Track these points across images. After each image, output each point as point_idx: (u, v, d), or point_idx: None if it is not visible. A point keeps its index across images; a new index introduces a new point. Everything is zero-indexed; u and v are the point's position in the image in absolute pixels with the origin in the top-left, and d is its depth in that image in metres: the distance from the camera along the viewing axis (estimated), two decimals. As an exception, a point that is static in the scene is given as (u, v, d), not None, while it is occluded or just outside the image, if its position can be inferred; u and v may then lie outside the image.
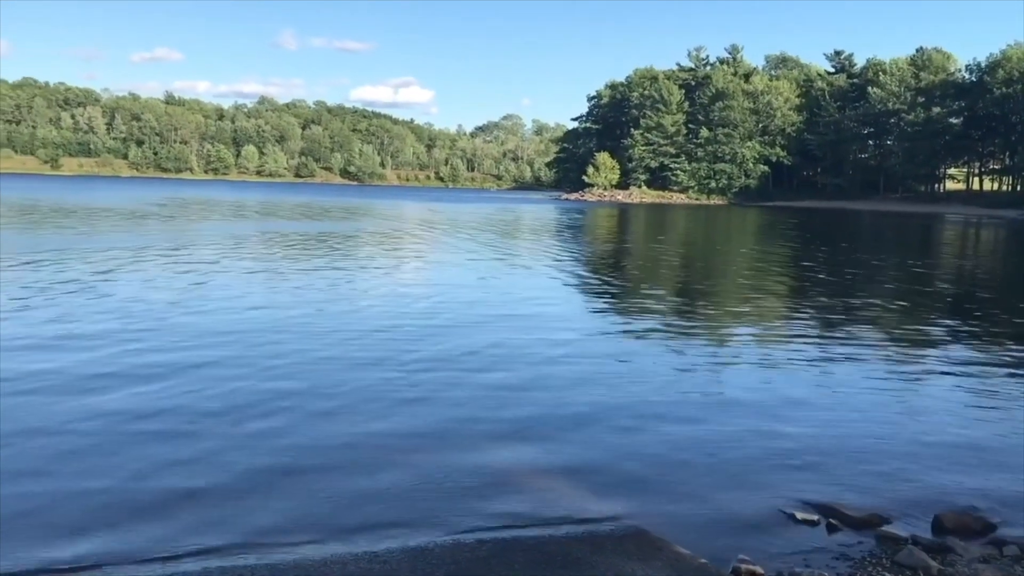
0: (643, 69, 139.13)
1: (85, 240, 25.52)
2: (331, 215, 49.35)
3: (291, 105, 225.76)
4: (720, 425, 7.62)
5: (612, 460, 6.59)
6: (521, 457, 6.59)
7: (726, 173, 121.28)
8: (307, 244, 27.28)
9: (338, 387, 8.44)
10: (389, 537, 5.10)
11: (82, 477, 5.90)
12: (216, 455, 6.40)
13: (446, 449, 6.71)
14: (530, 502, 5.67)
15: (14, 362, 9.02)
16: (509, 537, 5.12)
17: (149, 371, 8.87)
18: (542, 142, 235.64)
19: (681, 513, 5.59)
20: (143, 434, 6.83)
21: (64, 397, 7.82)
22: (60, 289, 14.57)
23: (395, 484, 5.94)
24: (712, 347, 11.66)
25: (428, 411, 7.74)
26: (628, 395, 8.60)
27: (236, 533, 5.10)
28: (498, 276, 19.82)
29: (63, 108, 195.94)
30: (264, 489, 5.78)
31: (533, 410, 7.91)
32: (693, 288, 19.76)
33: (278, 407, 7.72)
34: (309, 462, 6.32)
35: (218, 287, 15.77)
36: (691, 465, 6.52)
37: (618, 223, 55.94)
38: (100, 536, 5.01)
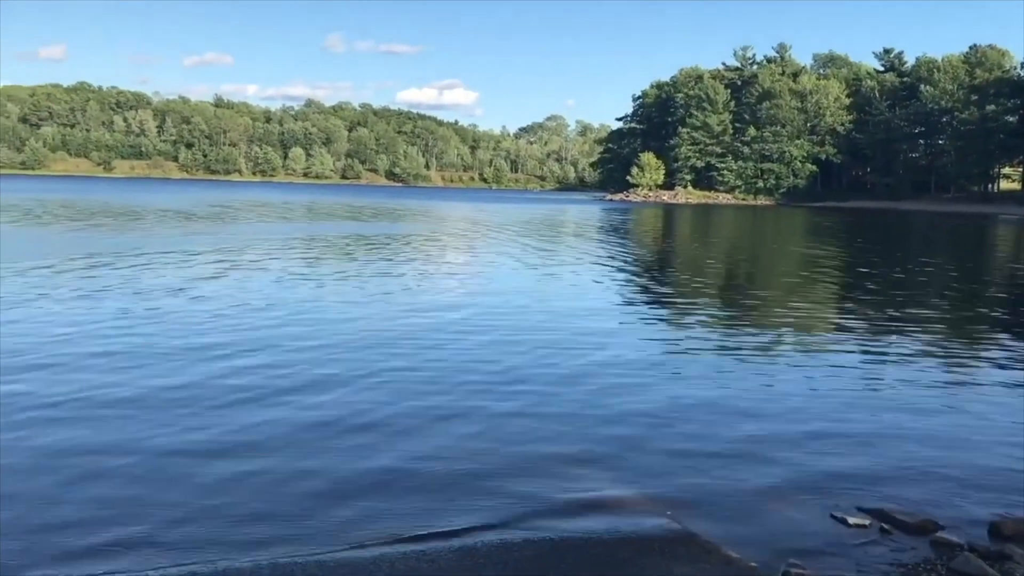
0: (688, 69, 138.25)
1: (169, 241, 26.02)
2: (384, 216, 49.67)
3: (337, 108, 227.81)
4: (769, 429, 7.53)
5: (659, 463, 6.54)
6: (567, 458, 6.57)
7: (774, 173, 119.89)
8: (370, 247, 27.47)
9: (387, 393, 8.43)
10: (436, 536, 5.12)
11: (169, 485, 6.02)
12: (268, 457, 6.50)
13: (492, 450, 6.72)
14: (577, 504, 5.65)
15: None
16: (556, 538, 5.11)
17: (243, 380, 9.02)
18: (586, 143, 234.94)
19: (731, 517, 5.53)
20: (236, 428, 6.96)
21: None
22: (162, 292, 14.97)
23: (443, 484, 5.96)
24: (759, 351, 11.51)
25: (476, 414, 7.75)
26: (674, 398, 8.54)
27: (286, 531, 5.15)
28: (546, 279, 19.77)
29: (116, 111, 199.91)
30: (314, 489, 5.84)
31: (580, 413, 7.88)
32: (741, 290, 19.57)
33: (330, 411, 7.81)
34: (357, 464, 6.36)
35: (307, 293, 15.99)
36: (741, 469, 6.44)
37: (665, 224, 55.58)
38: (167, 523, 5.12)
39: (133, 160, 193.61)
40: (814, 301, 17.36)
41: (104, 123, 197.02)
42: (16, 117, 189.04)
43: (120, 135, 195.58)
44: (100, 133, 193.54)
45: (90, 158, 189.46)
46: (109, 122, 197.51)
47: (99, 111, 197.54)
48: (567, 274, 20.64)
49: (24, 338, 10.42)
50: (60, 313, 12.41)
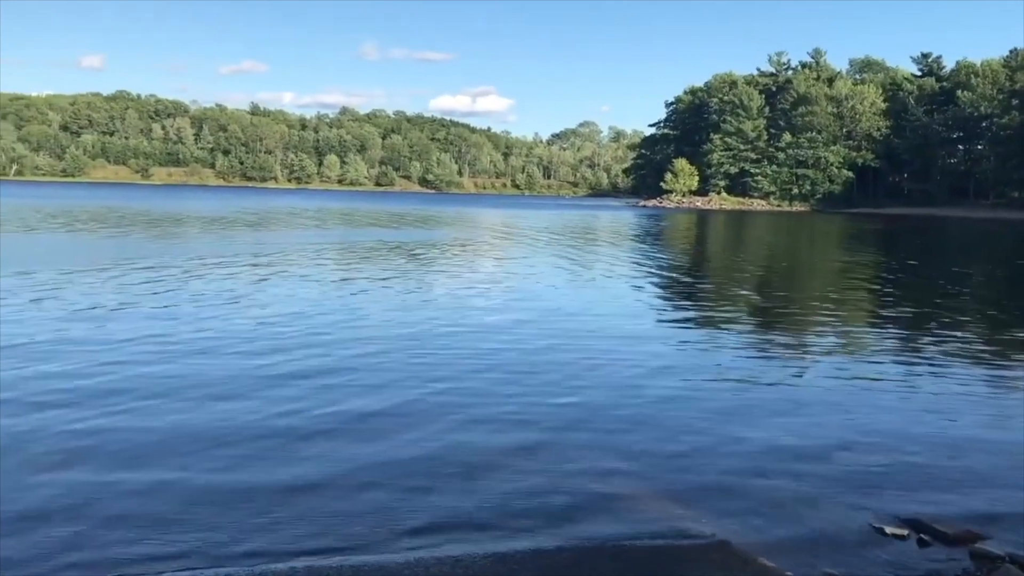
0: (722, 74, 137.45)
1: (217, 248, 26.39)
2: (419, 223, 49.76)
3: (372, 115, 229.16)
4: (804, 438, 7.47)
5: (694, 471, 6.52)
6: (601, 466, 6.57)
7: (809, 178, 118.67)
8: (408, 254, 27.62)
9: (433, 403, 8.44)
10: (470, 541, 5.14)
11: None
12: (316, 458, 6.57)
13: (527, 457, 6.74)
14: (612, 511, 5.64)
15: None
16: (590, 545, 5.11)
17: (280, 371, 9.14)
18: (619, 148, 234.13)
19: (766, 526, 5.49)
20: (280, 426, 7.04)
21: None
22: (225, 296, 15.25)
23: (477, 490, 5.99)
24: (794, 358, 11.44)
25: (512, 421, 7.78)
26: (707, 405, 8.51)
27: (320, 534, 5.20)
28: (582, 286, 19.76)
29: (154, 119, 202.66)
30: (354, 491, 5.90)
31: (613, 420, 7.88)
32: (776, 297, 19.41)
33: (374, 414, 7.87)
34: (395, 468, 6.42)
35: (354, 295, 16.23)
36: (776, 477, 6.40)
37: (699, 230, 55.25)
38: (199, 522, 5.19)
39: (171, 167, 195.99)
40: (850, 308, 17.18)
41: (142, 131, 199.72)
42: (57, 125, 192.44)
43: (158, 142, 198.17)
44: (139, 141, 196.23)
45: (128, 165, 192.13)
46: (147, 130, 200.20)
47: (138, 119, 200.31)
48: (603, 281, 20.59)
49: (100, 341, 10.64)
50: (128, 320, 12.64)
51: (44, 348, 10.23)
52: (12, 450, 6.53)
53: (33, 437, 6.87)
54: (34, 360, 9.53)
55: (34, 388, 8.35)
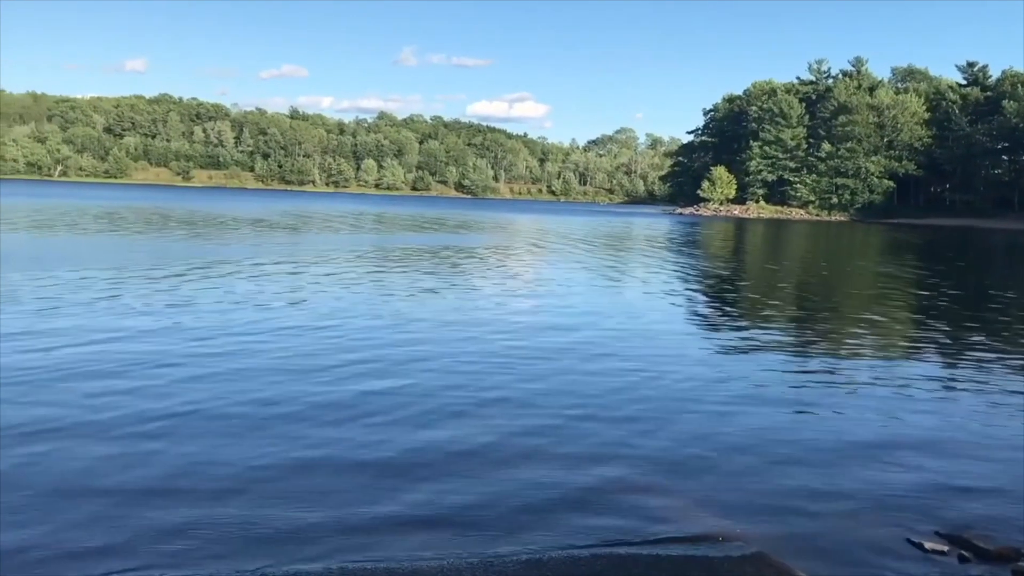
0: (761, 82, 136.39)
1: (263, 251, 26.72)
2: (457, 228, 49.98)
3: (409, 120, 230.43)
4: (842, 452, 7.40)
5: (730, 482, 6.49)
6: (637, 475, 6.56)
7: (849, 188, 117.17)
8: (447, 260, 27.75)
9: (479, 410, 8.46)
10: (505, 545, 5.15)
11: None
12: (347, 459, 6.62)
13: (565, 463, 6.75)
14: (647, 520, 5.64)
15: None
16: (624, 553, 5.09)
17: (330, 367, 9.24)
18: (656, 155, 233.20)
19: (803, 538, 5.45)
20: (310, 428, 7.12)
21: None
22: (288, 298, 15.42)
23: (512, 494, 6.01)
24: (831, 371, 11.33)
25: (549, 427, 7.79)
26: (746, 419, 8.45)
27: (356, 537, 5.25)
28: (619, 294, 19.72)
29: (195, 122, 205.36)
30: (388, 494, 5.95)
31: (649, 431, 7.86)
32: (815, 308, 19.22)
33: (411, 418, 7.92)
34: (430, 470, 6.47)
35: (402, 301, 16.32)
36: (814, 490, 6.35)
37: (737, 239, 54.80)
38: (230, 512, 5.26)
39: (211, 170, 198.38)
40: (889, 321, 16.96)
41: (184, 133, 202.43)
42: (101, 127, 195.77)
43: (199, 145, 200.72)
44: (180, 143, 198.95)
45: (170, 167, 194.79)
46: (189, 132, 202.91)
47: (179, 122, 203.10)
48: (640, 290, 20.52)
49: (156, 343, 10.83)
50: (188, 322, 12.85)
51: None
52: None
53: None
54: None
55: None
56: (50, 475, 6.08)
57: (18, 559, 4.79)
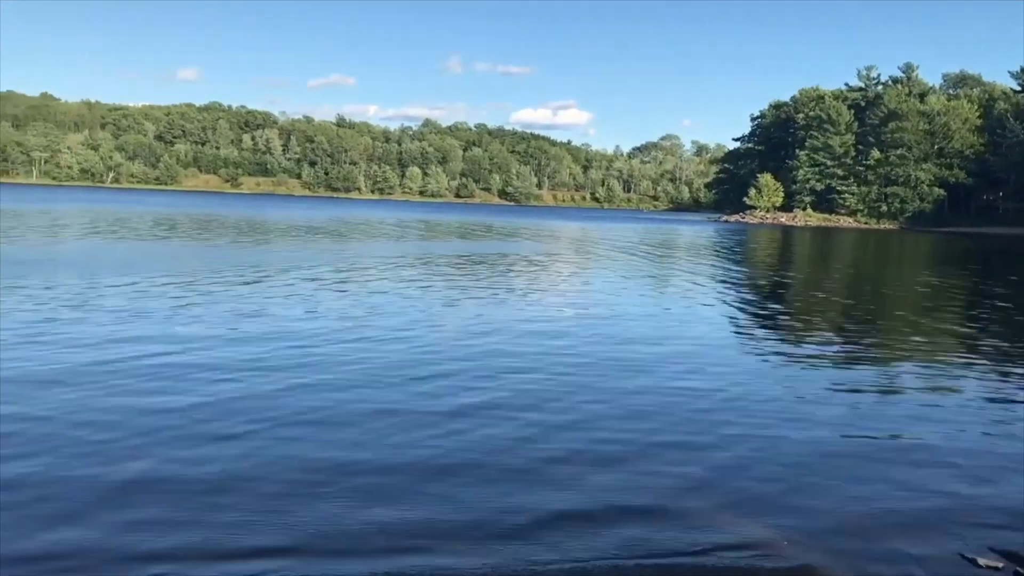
0: (809, 89, 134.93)
1: (320, 257, 27.09)
2: (502, 236, 50.07)
3: (453, 128, 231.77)
4: (891, 463, 7.28)
5: (777, 494, 6.41)
6: (681, 486, 6.51)
7: (898, 196, 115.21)
8: (496, 267, 27.83)
9: (529, 420, 8.44)
10: (549, 552, 5.13)
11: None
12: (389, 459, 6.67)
13: (609, 471, 6.73)
14: (692, 530, 5.59)
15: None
16: (669, 563, 5.06)
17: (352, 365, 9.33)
18: (701, 162, 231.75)
19: (851, 551, 5.36)
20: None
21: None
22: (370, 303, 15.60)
23: (557, 501, 6.00)
24: (882, 382, 11.16)
25: (591, 435, 7.77)
26: (793, 431, 8.34)
27: (402, 544, 5.27)
28: (664, 303, 19.56)
29: (244, 130, 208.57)
30: (438, 496, 6.00)
31: (695, 441, 7.81)
32: (864, 319, 18.93)
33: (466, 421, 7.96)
34: (476, 474, 6.50)
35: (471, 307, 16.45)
36: (863, 503, 6.24)
37: (788, 247, 54.18)
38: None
39: (259, 177, 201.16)
40: (939, 333, 16.64)
41: (233, 141, 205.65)
42: (152, 134, 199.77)
43: (247, 153, 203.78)
44: (229, 150, 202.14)
45: (219, 174, 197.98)
46: (237, 140, 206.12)
47: (228, 129, 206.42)
48: (686, 299, 20.26)
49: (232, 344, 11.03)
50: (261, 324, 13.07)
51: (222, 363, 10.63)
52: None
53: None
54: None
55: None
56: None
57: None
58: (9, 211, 50.98)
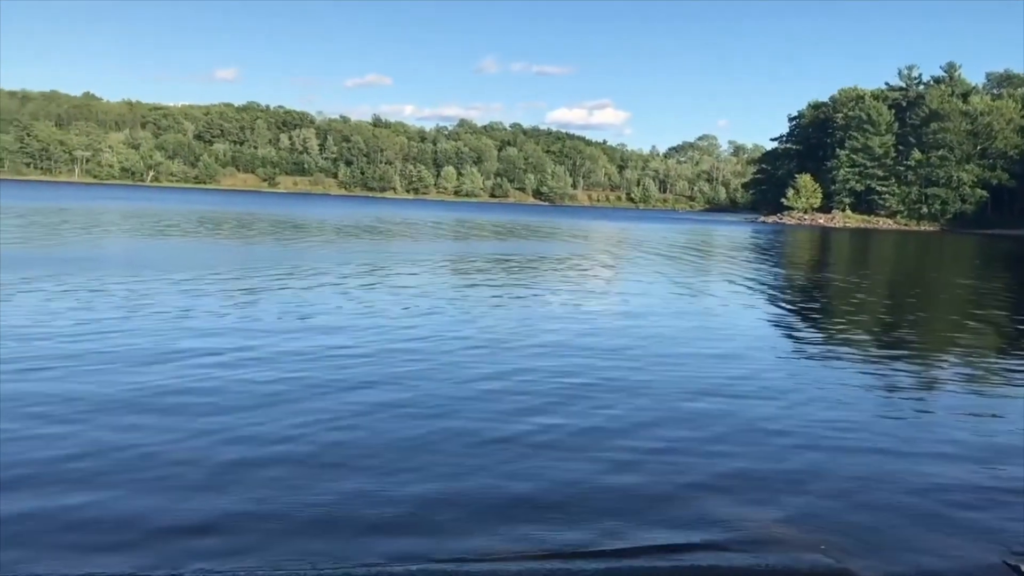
0: (848, 89, 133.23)
1: (365, 256, 27.33)
2: (537, 236, 50.03)
3: (489, 127, 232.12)
4: (932, 469, 7.18)
5: (815, 497, 6.34)
6: (717, 488, 6.47)
7: (939, 198, 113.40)
8: (534, 268, 27.86)
9: (576, 420, 8.45)
10: (583, 555, 5.12)
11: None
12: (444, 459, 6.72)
13: (648, 472, 6.72)
14: (727, 535, 5.54)
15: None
16: (707, 565, 5.03)
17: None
18: (739, 163, 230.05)
19: (892, 558, 5.29)
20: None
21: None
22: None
23: (595, 505, 5.99)
24: (922, 388, 11.00)
25: (635, 440, 7.74)
26: (829, 432, 8.26)
27: (440, 539, 5.30)
28: (699, 305, 19.38)
29: (281, 130, 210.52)
30: (481, 498, 6.01)
31: (734, 444, 7.76)
32: (904, 323, 18.67)
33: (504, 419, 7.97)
34: (531, 481, 6.49)
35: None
36: (903, 508, 6.16)
37: (827, 249, 53.58)
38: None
39: (296, 176, 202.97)
40: (981, 337, 16.36)
41: (270, 140, 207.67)
42: (192, 134, 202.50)
43: (285, 152, 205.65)
44: (267, 150, 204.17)
45: (256, 174, 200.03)
46: (275, 139, 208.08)
47: (266, 129, 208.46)
48: (724, 302, 20.00)
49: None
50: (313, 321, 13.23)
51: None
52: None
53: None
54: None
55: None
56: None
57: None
58: (55, 209, 51.99)
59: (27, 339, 10.80)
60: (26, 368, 9.24)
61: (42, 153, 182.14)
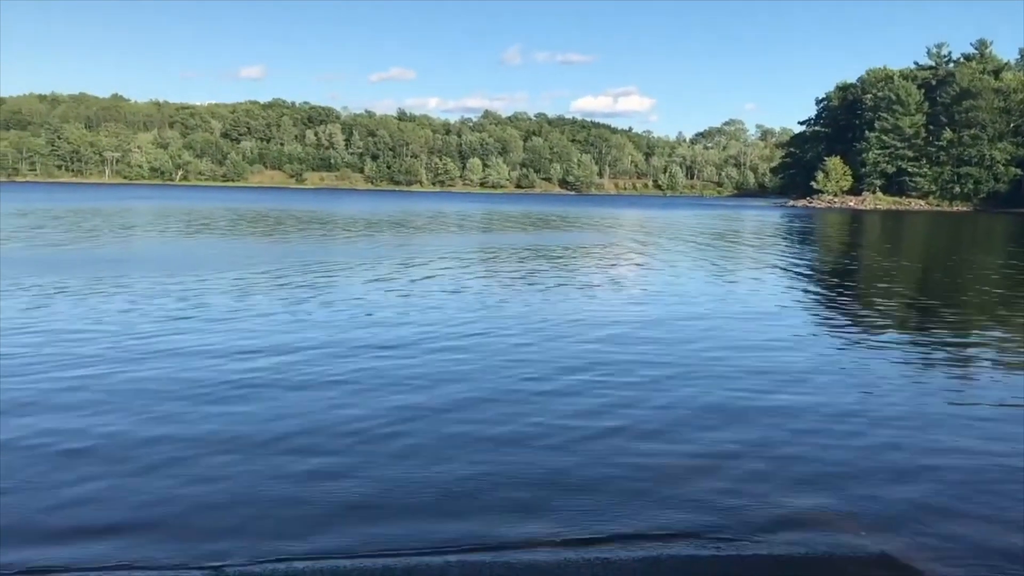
0: (876, 69, 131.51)
1: (391, 252, 27.49)
2: (565, 226, 50.06)
3: (513, 118, 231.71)
4: (975, 449, 7.13)
5: (855, 481, 6.31)
6: (752, 470, 6.47)
7: (972, 177, 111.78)
8: (565, 258, 27.85)
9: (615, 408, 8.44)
10: (623, 544, 5.15)
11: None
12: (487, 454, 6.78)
13: (683, 461, 6.71)
14: (766, 519, 5.54)
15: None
16: (744, 554, 5.02)
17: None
18: (767, 147, 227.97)
19: (935, 542, 5.25)
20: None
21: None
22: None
23: (634, 491, 6.00)
24: (958, 370, 10.87)
25: (676, 430, 7.72)
26: (870, 417, 8.21)
27: (475, 528, 5.34)
28: (732, 293, 19.17)
29: (307, 126, 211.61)
30: (516, 489, 6.03)
31: (774, 429, 7.72)
32: (940, 305, 18.46)
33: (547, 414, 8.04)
34: (563, 465, 6.52)
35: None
36: (945, 491, 6.11)
37: (860, 231, 52.99)
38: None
39: (322, 172, 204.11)
40: (1019, 317, 16.16)
41: (296, 137, 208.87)
42: (219, 132, 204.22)
43: (311, 148, 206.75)
44: (293, 147, 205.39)
45: (284, 170, 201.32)
46: (301, 136, 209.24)
47: (292, 126, 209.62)
48: (756, 289, 19.75)
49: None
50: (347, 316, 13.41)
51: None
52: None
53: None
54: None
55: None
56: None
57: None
58: (89, 210, 52.66)
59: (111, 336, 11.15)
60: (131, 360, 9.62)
61: (73, 155, 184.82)
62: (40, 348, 10.33)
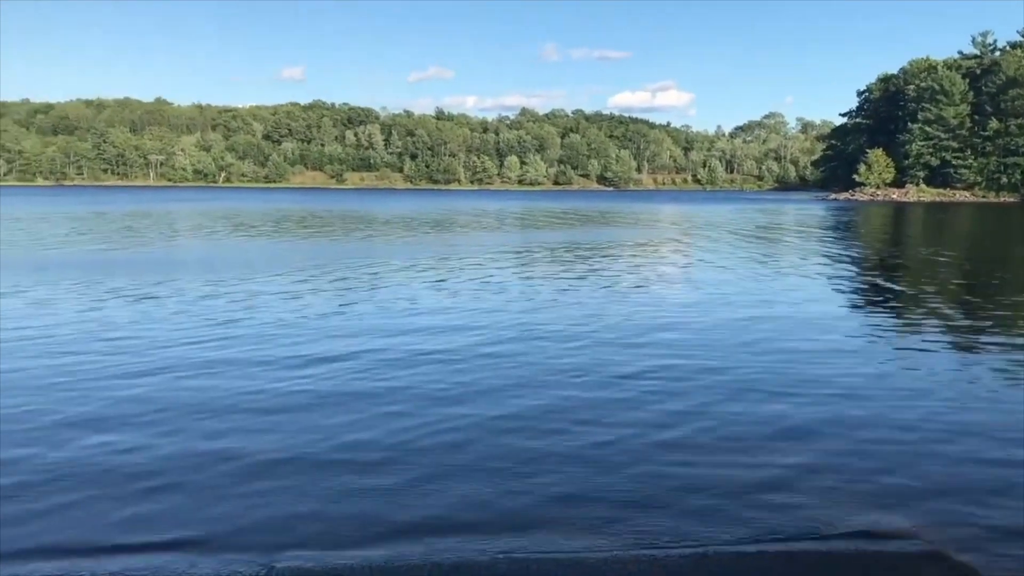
0: (919, 60, 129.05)
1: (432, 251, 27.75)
2: (605, 223, 49.81)
3: (551, 115, 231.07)
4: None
5: (905, 478, 6.28)
6: (803, 466, 6.47)
7: (1020, 167, 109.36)
8: (606, 255, 27.86)
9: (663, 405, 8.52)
10: (668, 542, 5.18)
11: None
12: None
13: (729, 456, 6.74)
14: (815, 517, 5.54)
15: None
16: (793, 551, 5.03)
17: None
18: (807, 140, 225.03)
19: (988, 539, 5.22)
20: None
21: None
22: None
23: (675, 486, 6.04)
24: (1013, 370, 10.74)
25: (715, 424, 7.77)
26: (919, 415, 8.15)
27: (525, 527, 5.42)
28: (776, 291, 19.01)
29: (347, 127, 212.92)
30: (560, 490, 6.09)
31: (823, 428, 7.69)
32: (990, 300, 18.19)
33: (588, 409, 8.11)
34: (613, 469, 6.55)
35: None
36: (1005, 492, 6.04)
37: (906, 225, 52.16)
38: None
39: (362, 172, 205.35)
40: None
41: (337, 138, 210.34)
42: (260, 134, 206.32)
43: (351, 149, 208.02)
44: (333, 147, 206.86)
45: (324, 171, 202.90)
46: (341, 136, 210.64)
47: (332, 127, 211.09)
48: (807, 288, 19.50)
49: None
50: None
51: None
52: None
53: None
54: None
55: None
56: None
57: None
58: (140, 212, 53.59)
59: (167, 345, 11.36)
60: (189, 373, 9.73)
61: (118, 159, 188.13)
62: (102, 359, 10.41)
